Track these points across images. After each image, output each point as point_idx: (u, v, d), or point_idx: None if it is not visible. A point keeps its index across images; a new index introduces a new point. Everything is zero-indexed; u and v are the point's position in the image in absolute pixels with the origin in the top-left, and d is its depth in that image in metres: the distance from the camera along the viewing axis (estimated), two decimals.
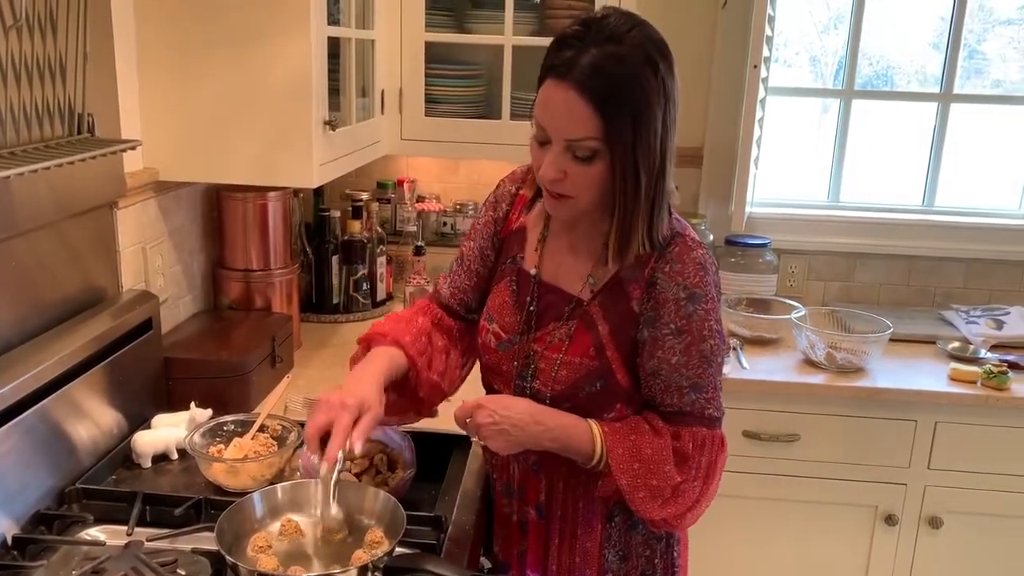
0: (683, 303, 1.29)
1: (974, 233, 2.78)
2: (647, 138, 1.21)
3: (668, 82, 1.22)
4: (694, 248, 1.30)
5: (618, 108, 1.19)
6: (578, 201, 1.28)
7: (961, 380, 2.31)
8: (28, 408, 1.34)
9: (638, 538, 1.43)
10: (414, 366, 1.40)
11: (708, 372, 1.32)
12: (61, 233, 1.52)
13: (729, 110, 2.70)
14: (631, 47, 1.20)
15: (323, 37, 1.83)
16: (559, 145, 1.23)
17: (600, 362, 1.33)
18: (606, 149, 1.21)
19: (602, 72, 1.18)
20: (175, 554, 1.24)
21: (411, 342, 1.41)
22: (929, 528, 2.37)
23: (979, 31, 2.85)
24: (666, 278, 1.29)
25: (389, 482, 1.45)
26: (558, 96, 1.20)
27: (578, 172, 1.24)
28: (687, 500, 1.33)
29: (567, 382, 1.35)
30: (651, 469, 1.31)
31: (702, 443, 1.33)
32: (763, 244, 2.73)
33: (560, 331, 1.36)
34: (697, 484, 1.33)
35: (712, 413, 1.34)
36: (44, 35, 1.38)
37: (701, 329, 1.30)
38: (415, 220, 2.69)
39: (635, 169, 1.22)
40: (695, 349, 1.30)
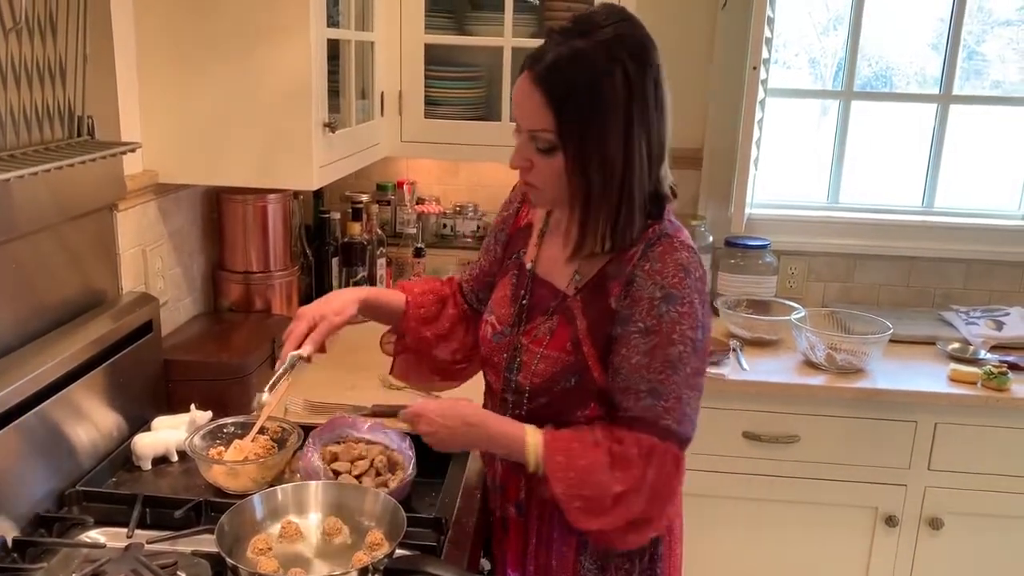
0: (657, 302, 1.26)
1: (974, 234, 2.78)
2: (600, 139, 1.21)
3: (638, 82, 1.21)
4: (679, 250, 1.28)
5: (571, 105, 1.20)
6: (546, 192, 1.30)
7: (961, 381, 2.31)
8: (28, 410, 1.34)
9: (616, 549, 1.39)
10: (406, 312, 1.55)
11: (671, 379, 1.26)
12: (61, 235, 1.52)
13: (729, 112, 2.70)
14: (596, 44, 1.20)
15: (323, 39, 1.83)
16: (524, 135, 1.27)
17: (576, 357, 1.33)
18: (560, 143, 1.23)
19: (559, 67, 1.21)
20: (175, 556, 1.24)
21: (418, 293, 1.58)
22: (929, 529, 2.37)
23: (978, 32, 2.85)
24: (644, 276, 1.27)
25: (389, 484, 1.45)
26: (523, 87, 1.24)
27: (541, 163, 1.26)
28: (626, 514, 1.26)
29: (544, 376, 1.35)
30: (584, 479, 1.26)
31: (649, 453, 1.25)
32: (763, 245, 2.73)
33: (545, 325, 1.37)
34: (640, 499, 1.25)
35: (669, 425, 1.26)
36: (44, 38, 1.39)
37: (671, 332, 1.25)
38: (415, 222, 2.69)
39: (586, 168, 1.23)
40: (660, 352, 1.26)
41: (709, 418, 2.32)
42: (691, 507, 2.27)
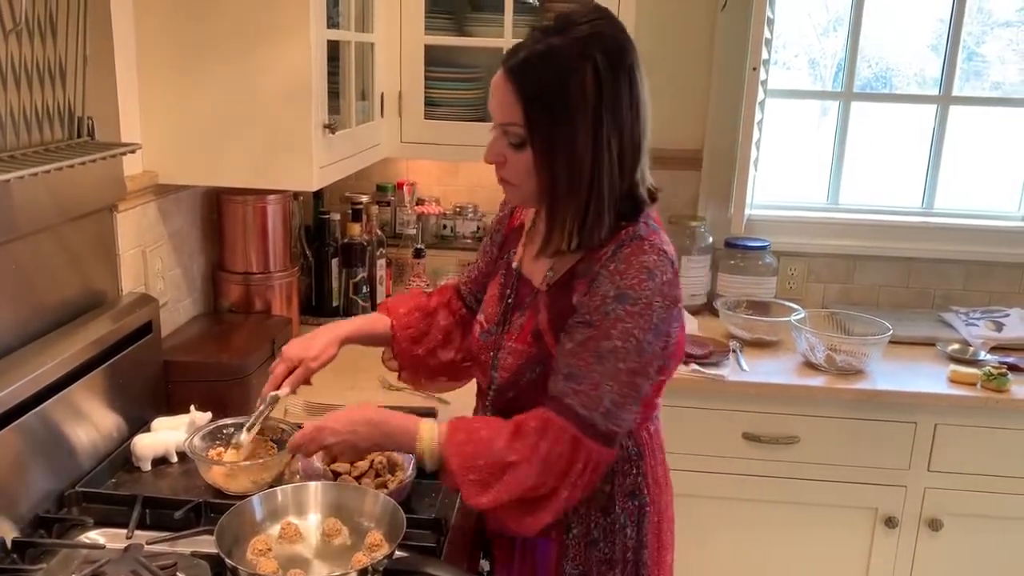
0: (609, 300, 1.24)
1: (973, 235, 2.78)
2: (569, 134, 1.21)
3: (609, 81, 1.21)
4: (648, 252, 1.25)
5: (540, 100, 1.21)
6: (520, 189, 1.30)
7: (961, 382, 2.31)
8: (28, 411, 1.34)
9: (598, 555, 1.38)
10: (394, 335, 1.58)
11: (592, 368, 1.23)
12: (61, 236, 1.52)
13: (728, 112, 2.70)
14: (570, 41, 1.21)
15: (323, 40, 1.83)
16: (498, 129, 1.28)
17: (538, 348, 1.33)
18: (528, 138, 1.23)
19: (531, 63, 1.22)
20: (175, 557, 1.24)
21: (404, 313, 1.60)
22: (929, 530, 2.37)
23: (978, 33, 2.85)
24: (607, 275, 1.25)
25: (389, 485, 1.45)
26: (497, 81, 1.26)
27: (513, 158, 1.27)
28: (515, 485, 1.22)
29: (511, 368, 1.36)
30: (480, 450, 1.24)
31: (544, 426, 1.23)
32: (762, 246, 2.73)
33: (518, 321, 1.38)
34: (531, 472, 1.22)
35: (571, 404, 1.23)
36: (44, 39, 1.39)
37: (610, 328, 1.23)
38: (415, 223, 2.69)
39: (554, 163, 1.23)
40: (592, 343, 1.24)
41: (709, 419, 2.33)
42: (691, 508, 2.28)
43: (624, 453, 1.37)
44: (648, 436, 1.41)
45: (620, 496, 1.37)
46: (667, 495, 1.47)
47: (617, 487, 1.37)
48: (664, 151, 2.72)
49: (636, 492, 1.38)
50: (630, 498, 1.38)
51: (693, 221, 2.72)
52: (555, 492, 1.24)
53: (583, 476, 1.24)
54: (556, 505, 1.25)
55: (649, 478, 1.40)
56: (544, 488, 1.23)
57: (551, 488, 1.24)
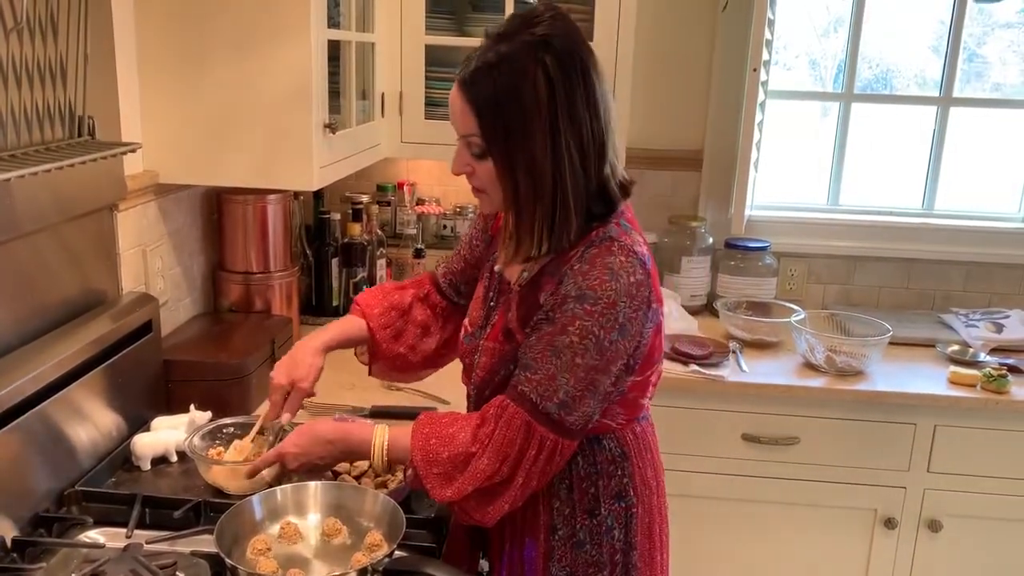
0: (570, 299, 1.24)
1: (973, 236, 2.79)
2: (524, 142, 1.21)
3: (561, 82, 1.20)
4: (615, 254, 1.25)
5: (492, 110, 1.21)
6: (491, 196, 1.30)
7: (960, 383, 2.31)
8: (28, 410, 1.34)
9: (584, 557, 1.37)
10: (372, 336, 1.56)
11: (547, 360, 1.23)
12: (61, 235, 1.52)
13: (729, 113, 2.70)
14: (519, 46, 1.20)
15: (323, 40, 1.83)
16: (460, 141, 1.28)
17: (510, 346, 1.32)
18: (487, 148, 1.24)
19: (481, 73, 1.21)
20: (174, 556, 1.24)
21: (378, 314, 1.57)
22: (928, 531, 2.37)
23: (979, 34, 2.85)
24: (572, 275, 1.25)
25: (389, 485, 1.45)
26: (452, 94, 1.26)
27: (478, 167, 1.27)
28: (474, 477, 1.24)
29: (486, 368, 1.36)
30: (445, 443, 1.26)
31: (500, 412, 1.25)
32: (763, 247, 2.73)
33: (493, 320, 1.39)
34: (486, 458, 1.23)
35: (525, 391, 1.24)
36: (45, 38, 1.39)
37: (567, 324, 1.23)
38: (415, 223, 2.69)
39: (514, 171, 1.23)
40: (549, 337, 1.24)
41: (708, 420, 2.33)
42: (690, 508, 2.29)
43: (607, 454, 1.36)
44: (634, 437, 1.39)
45: (606, 498, 1.36)
46: (659, 495, 1.45)
47: (602, 489, 1.36)
48: (664, 152, 2.72)
49: (622, 494, 1.37)
50: (616, 500, 1.37)
51: (693, 222, 2.73)
52: (511, 479, 1.25)
53: (537, 463, 1.25)
54: (513, 492, 1.25)
55: (636, 479, 1.39)
56: (500, 476, 1.24)
57: (507, 475, 1.24)
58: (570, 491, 1.35)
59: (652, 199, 2.73)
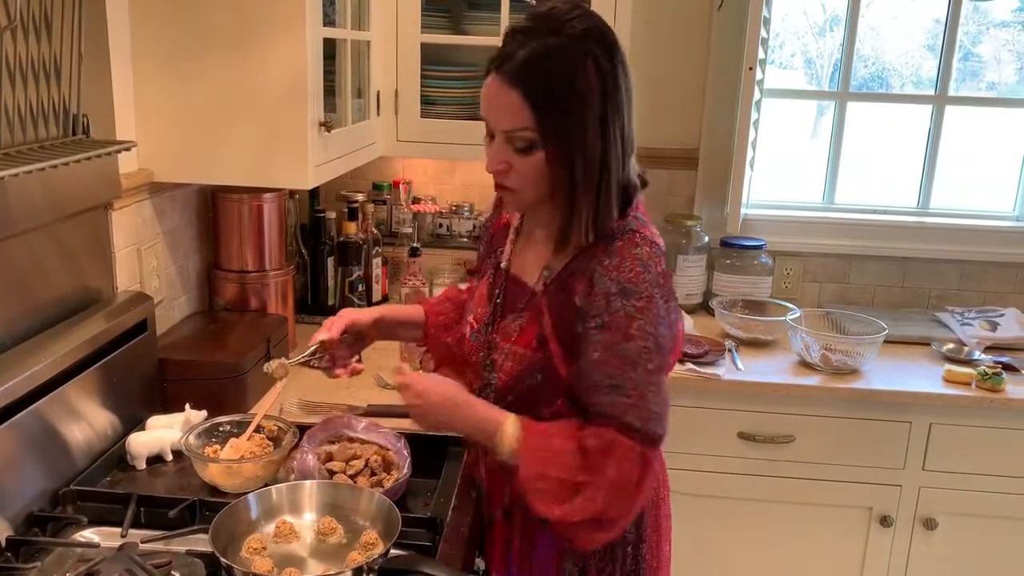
0: (613, 297, 1.25)
1: (969, 235, 2.79)
2: (581, 130, 1.22)
3: (609, 73, 1.23)
4: (639, 245, 1.28)
5: (550, 99, 1.21)
6: (523, 193, 1.30)
7: (955, 382, 2.31)
8: (22, 409, 1.34)
9: (597, 552, 1.38)
10: (425, 322, 1.61)
11: (631, 376, 1.24)
12: (56, 234, 1.52)
13: (724, 112, 2.70)
14: (568, 38, 1.21)
15: (318, 38, 1.83)
16: (500, 137, 1.27)
17: (542, 354, 1.33)
18: (540, 139, 1.23)
19: (534, 64, 1.21)
20: (169, 556, 1.24)
21: (435, 303, 1.65)
22: (924, 529, 2.38)
23: (974, 33, 2.86)
24: (603, 271, 1.27)
25: (384, 483, 1.45)
26: (494, 88, 1.25)
27: (519, 163, 1.27)
28: (588, 507, 1.23)
29: (512, 373, 1.36)
30: (552, 461, 1.25)
31: (608, 447, 1.23)
32: (758, 246, 2.74)
33: (516, 323, 1.38)
34: (599, 496, 1.22)
35: (631, 421, 1.23)
36: (39, 36, 1.38)
37: (626, 327, 1.24)
38: (411, 222, 2.68)
39: (570, 160, 1.24)
40: (618, 348, 1.24)
41: (704, 418, 2.33)
42: (685, 507, 2.28)
43: None
44: None
45: None
46: (663, 487, 1.48)
47: None
48: (660, 150, 2.72)
49: None
50: None
51: (689, 220, 2.73)
52: (629, 509, 1.26)
53: (649, 486, 1.28)
54: (626, 521, 1.28)
55: None
56: (617, 510, 1.24)
57: (626, 508, 1.25)
58: None
59: (648, 197, 2.66)
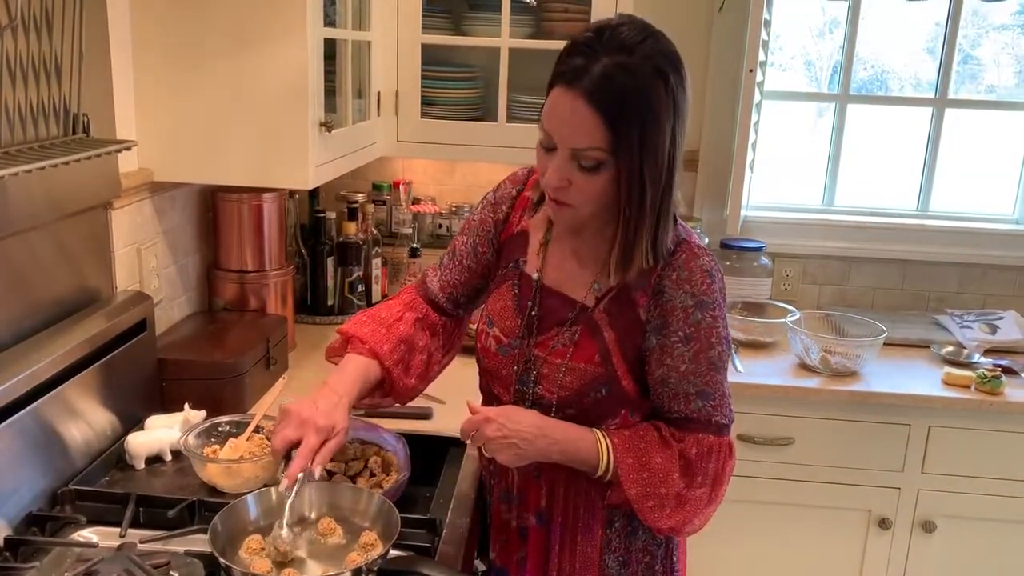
0: (691, 311, 1.29)
1: (968, 238, 2.79)
2: (654, 152, 1.20)
3: (679, 95, 1.21)
4: (700, 255, 1.31)
5: (626, 120, 1.18)
6: (579, 210, 1.28)
7: (955, 384, 2.32)
8: (21, 409, 1.34)
9: (638, 544, 1.42)
10: (389, 376, 1.43)
11: (716, 379, 1.33)
12: (55, 233, 1.52)
13: (724, 114, 2.70)
14: (642, 58, 1.18)
15: (319, 38, 1.83)
16: (565, 153, 1.22)
17: (606, 369, 1.33)
18: (612, 160, 1.20)
19: (612, 82, 1.17)
20: (168, 556, 1.24)
21: (389, 351, 1.43)
22: (923, 532, 2.38)
23: (973, 36, 2.86)
24: (673, 286, 1.29)
25: (383, 484, 1.45)
26: (566, 104, 1.19)
27: (582, 181, 1.23)
28: (694, 507, 1.32)
29: (572, 388, 1.34)
30: (660, 478, 1.30)
31: (708, 450, 1.32)
32: (758, 248, 2.74)
33: (563, 336, 1.35)
34: (703, 491, 1.32)
35: (719, 420, 1.34)
36: (40, 35, 1.38)
37: (709, 336, 1.30)
38: (411, 222, 2.68)
39: (641, 182, 1.21)
40: (704, 356, 1.31)
41: None
42: None
43: None
44: None
45: None
46: None
47: None
48: None
49: None
50: None
51: (689, 222, 2.71)
52: (722, 494, 1.36)
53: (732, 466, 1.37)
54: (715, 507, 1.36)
55: None
56: (716, 498, 1.35)
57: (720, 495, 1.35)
58: None
59: None
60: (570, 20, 2.33)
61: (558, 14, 2.35)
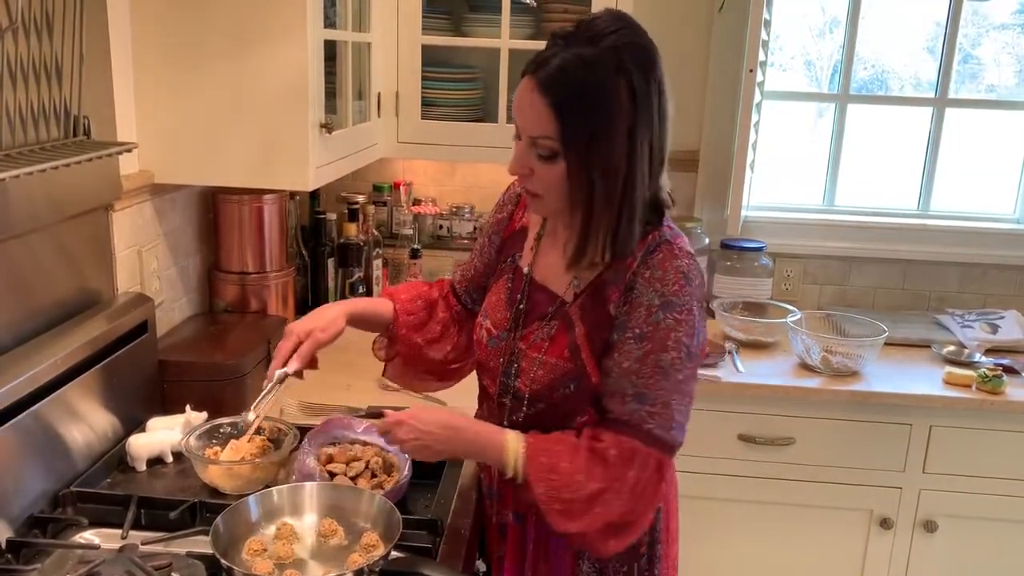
0: (655, 310, 1.25)
1: (969, 237, 2.79)
2: (605, 147, 1.20)
3: (644, 91, 1.20)
4: (679, 257, 1.27)
5: (576, 113, 1.19)
6: (547, 200, 1.29)
7: (956, 384, 2.32)
8: (23, 411, 1.34)
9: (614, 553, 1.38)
10: (395, 320, 1.55)
11: (660, 385, 1.25)
12: (56, 236, 1.52)
13: (725, 114, 2.70)
14: (604, 51, 1.19)
15: (319, 40, 1.83)
16: (525, 141, 1.26)
17: (575, 364, 1.32)
18: (562, 151, 1.22)
19: (565, 74, 1.19)
20: (170, 557, 1.24)
21: (405, 300, 1.58)
22: (924, 532, 2.38)
23: (974, 36, 2.86)
24: (644, 283, 1.26)
25: (385, 485, 1.45)
26: (525, 93, 1.23)
27: (542, 170, 1.25)
28: (605, 515, 1.25)
29: (543, 382, 1.35)
30: (566, 482, 1.25)
31: (630, 456, 1.25)
32: (758, 248, 2.74)
33: (542, 331, 1.37)
34: (619, 501, 1.24)
35: (653, 430, 1.25)
36: (40, 37, 1.38)
37: (665, 339, 1.25)
38: (411, 223, 2.68)
39: (589, 176, 1.22)
40: (652, 358, 1.25)
41: (704, 420, 2.33)
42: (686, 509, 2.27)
43: None
44: None
45: None
46: (673, 489, 1.49)
47: None
48: None
49: None
50: None
51: (689, 222, 2.73)
52: (644, 515, 1.28)
53: (662, 491, 1.29)
54: (643, 525, 1.29)
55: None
56: (633, 516, 1.26)
57: (641, 512, 1.27)
58: None
59: None
60: (570, 21, 2.32)
61: (558, 14, 2.35)
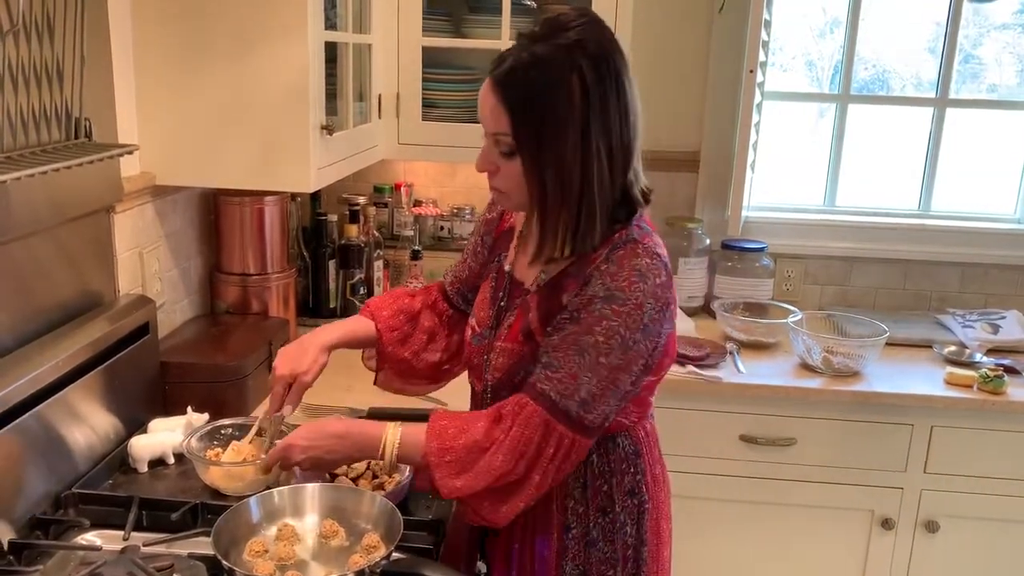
0: (597, 300, 1.24)
1: (970, 237, 2.79)
2: (557, 144, 1.21)
3: (597, 87, 1.20)
4: (640, 256, 1.26)
5: (526, 110, 1.21)
6: (511, 196, 1.31)
7: (957, 384, 2.31)
8: (24, 412, 1.34)
9: (597, 555, 1.39)
10: (380, 339, 1.55)
11: (571, 359, 1.24)
12: (58, 238, 1.52)
13: (725, 114, 2.70)
14: (558, 49, 1.20)
15: (320, 42, 1.84)
16: (489, 139, 1.28)
17: (529, 347, 1.33)
18: (516, 148, 1.24)
19: (517, 72, 1.21)
20: (171, 559, 1.24)
21: (387, 317, 1.57)
22: (925, 532, 2.38)
23: (975, 36, 2.86)
24: (599, 276, 1.26)
25: (386, 486, 1.45)
26: (484, 90, 1.26)
27: (505, 166, 1.27)
28: (487, 471, 1.23)
29: (503, 369, 1.36)
30: (460, 431, 1.26)
31: (518, 410, 1.25)
32: (759, 248, 2.74)
33: (507, 321, 1.38)
34: (499, 454, 1.23)
35: (547, 391, 1.24)
36: (41, 39, 1.38)
37: (594, 324, 1.23)
38: (412, 224, 2.69)
39: (541, 173, 1.23)
40: (573, 337, 1.25)
41: (705, 421, 2.33)
42: (687, 509, 2.29)
43: (621, 452, 1.38)
44: (645, 435, 1.42)
45: (619, 495, 1.38)
46: (664, 491, 1.48)
47: (616, 486, 1.38)
48: (661, 153, 2.72)
49: (635, 490, 1.39)
50: (629, 496, 1.39)
51: (690, 223, 2.73)
52: (527, 478, 1.25)
53: (554, 461, 1.25)
54: (528, 491, 1.26)
55: (648, 476, 1.41)
56: (515, 474, 1.24)
57: (523, 474, 1.24)
58: (584, 490, 1.37)
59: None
60: None
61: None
